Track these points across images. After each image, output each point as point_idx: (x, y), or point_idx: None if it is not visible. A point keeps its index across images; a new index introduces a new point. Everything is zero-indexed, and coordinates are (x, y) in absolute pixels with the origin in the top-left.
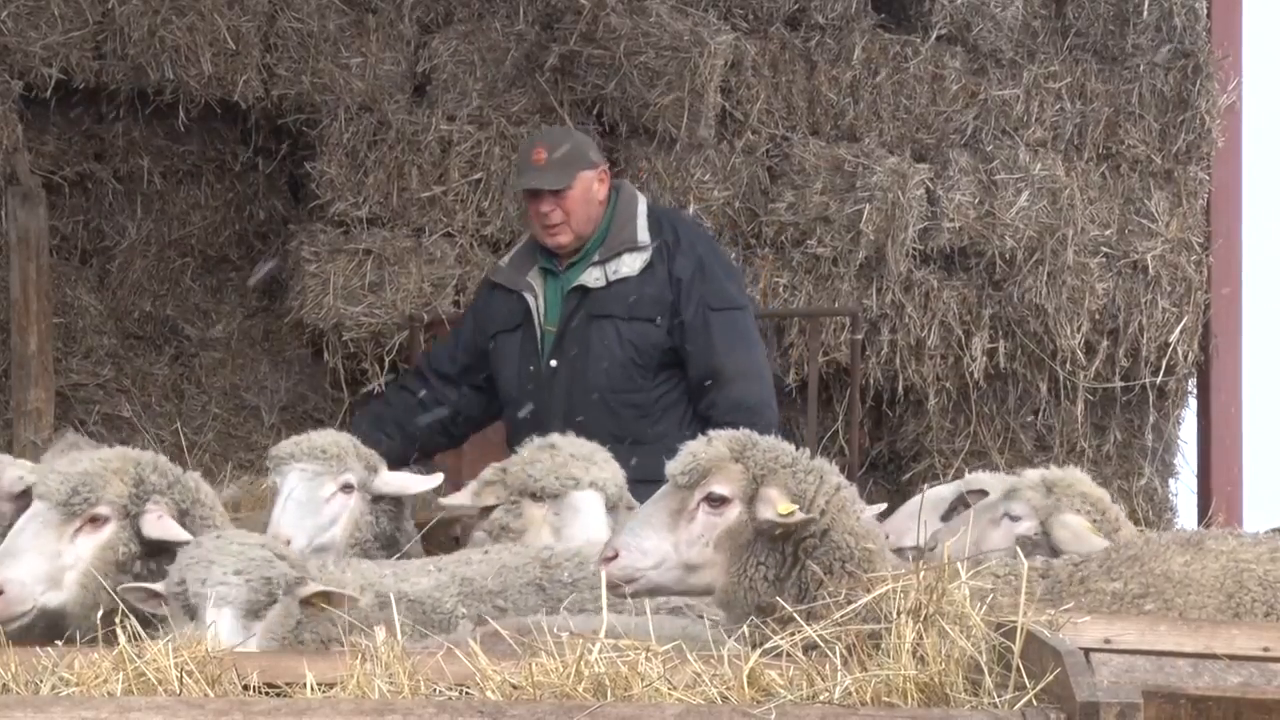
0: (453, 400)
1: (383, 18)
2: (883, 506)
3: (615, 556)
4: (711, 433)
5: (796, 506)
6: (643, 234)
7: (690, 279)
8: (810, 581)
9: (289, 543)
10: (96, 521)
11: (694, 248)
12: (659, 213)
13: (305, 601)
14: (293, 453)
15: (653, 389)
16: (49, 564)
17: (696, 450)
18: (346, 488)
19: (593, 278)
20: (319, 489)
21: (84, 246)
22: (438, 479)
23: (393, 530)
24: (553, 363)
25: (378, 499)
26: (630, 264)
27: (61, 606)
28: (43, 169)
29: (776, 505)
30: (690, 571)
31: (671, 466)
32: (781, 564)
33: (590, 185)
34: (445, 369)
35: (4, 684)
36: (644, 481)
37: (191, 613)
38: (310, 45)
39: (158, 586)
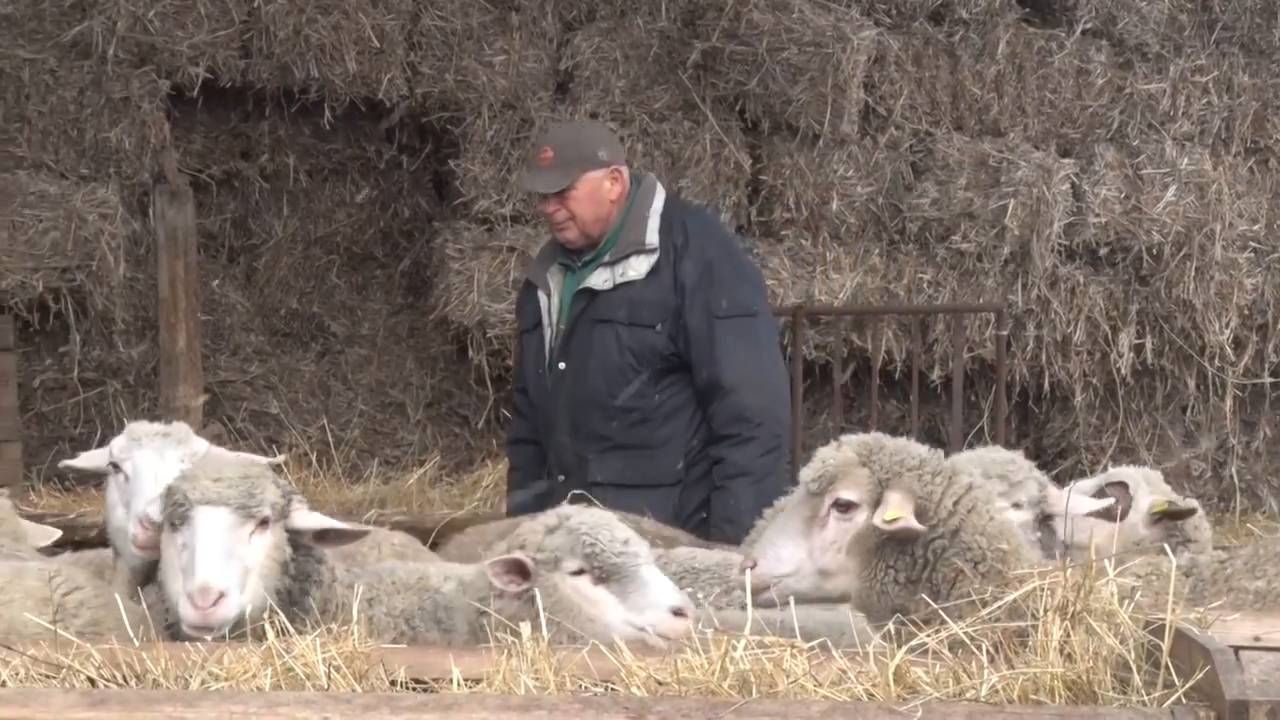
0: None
1: (526, 15)
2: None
3: (755, 565)
4: (843, 438)
5: (903, 513)
6: (651, 236)
7: (695, 283)
8: (942, 584)
9: None
10: (265, 524)
11: (703, 250)
12: (674, 212)
13: None
14: None
15: (654, 394)
16: (241, 568)
17: (825, 456)
18: None
19: (600, 279)
20: None
21: (231, 244)
22: None
23: None
24: (560, 365)
25: None
26: (637, 267)
27: (244, 611)
28: (190, 167)
29: (885, 511)
30: (825, 578)
31: (804, 473)
32: (912, 566)
33: (598, 185)
34: (521, 384)
35: (154, 679)
36: (648, 486)
37: (607, 574)
38: (454, 43)
39: (524, 557)
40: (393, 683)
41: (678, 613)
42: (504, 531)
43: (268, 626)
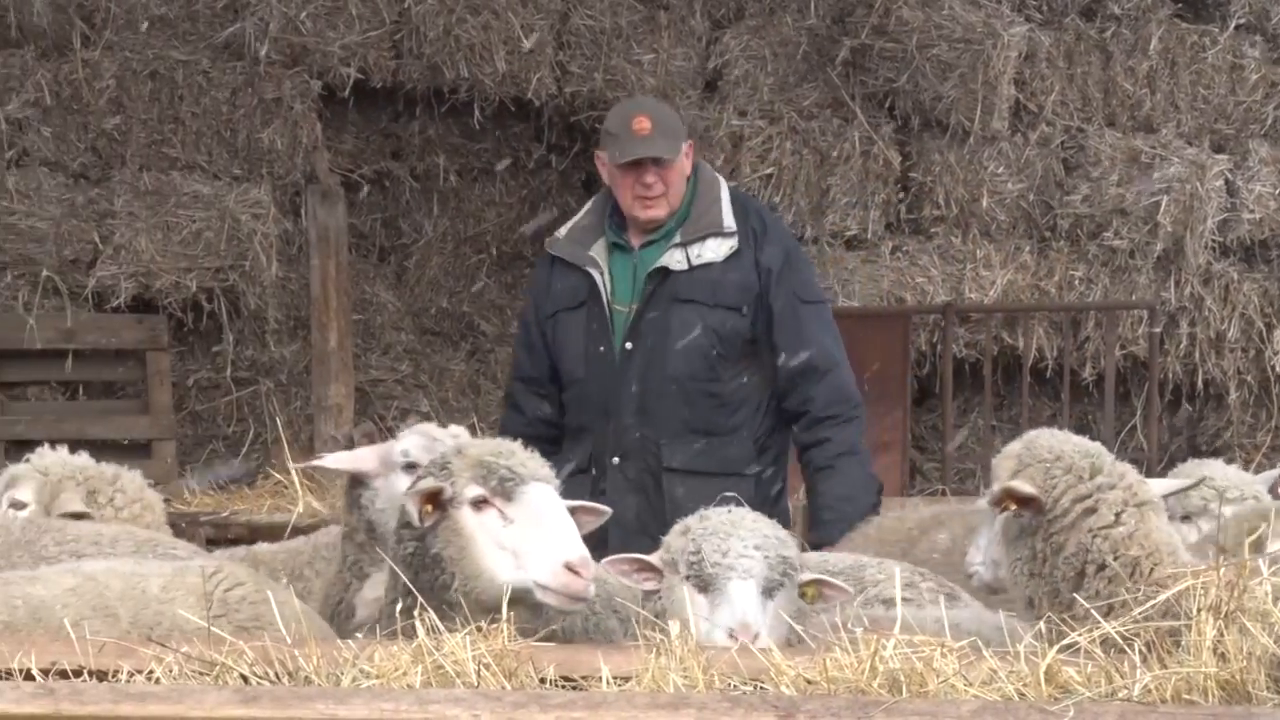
0: (549, 403)
1: (674, 14)
2: None
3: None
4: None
5: (1003, 494)
6: (728, 219)
7: (780, 269)
8: (1061, 582)
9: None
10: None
11: (782, 239)
12: (742, 199)
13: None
14: None
15: (730, 380)
16: None
17: (1006, 449)
18: None
19: (675, 260)
20: None
21: (381, 244)
22: None
23: None
24: (627, 345)
25: None
26: (715, 249)
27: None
28: (341, 167)
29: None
30: (995, 568)
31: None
32: (1032, 559)
33: (686, 155)
34: (529, 373)
35: (306, 676)
36: (718, 474)
37: (705, 584)
38: (602, 42)
39: (652, 558)
40: (542, 680)
41: (732, 635)
42: None
43: (418, 624)
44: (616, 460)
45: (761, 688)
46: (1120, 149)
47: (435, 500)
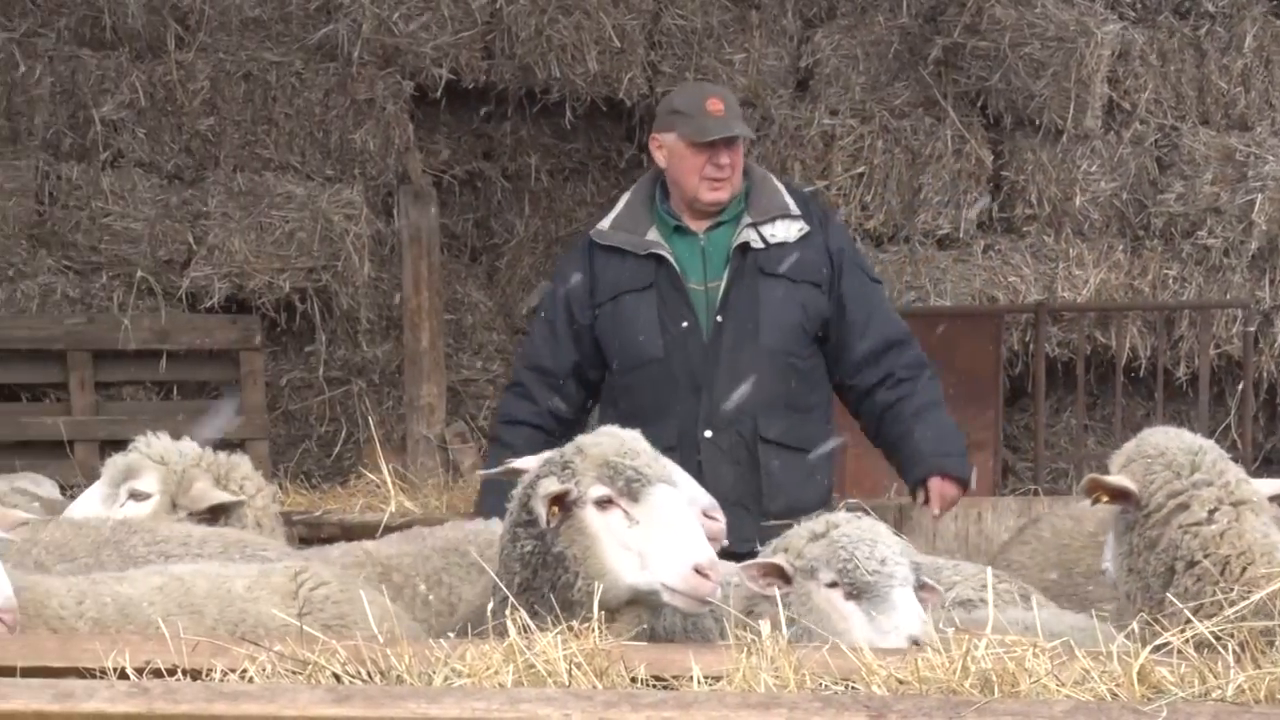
0: (562, 397)
1: (766, 13)
2: None
3: None
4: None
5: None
6: (791, 204)
7: (849, 252)
8: (1152, 578)
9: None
10: None
11: (840, 225)
12: (792, 187)
13: None
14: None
15: (809, 356)
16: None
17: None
18: None
19: (752, 238)
20: None
21: (473, 244)
22: None
23: None
24: (718, 319)
25: None
26: (786, 230)
27: None
28: (433, 168)
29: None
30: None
31: None
32: (1129, 554)
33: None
34: (546, 364)
35: (398, 675)
36: (798, 449)
37: (859, 591)
38: (694, 42)
39: (781, 560)
40: (633, 680)
41: (915, 642)
42: None
43: (510, 624)
44: (709, 434)
45: (853, 687)
46: (1214, 147)
47: (560, 500)
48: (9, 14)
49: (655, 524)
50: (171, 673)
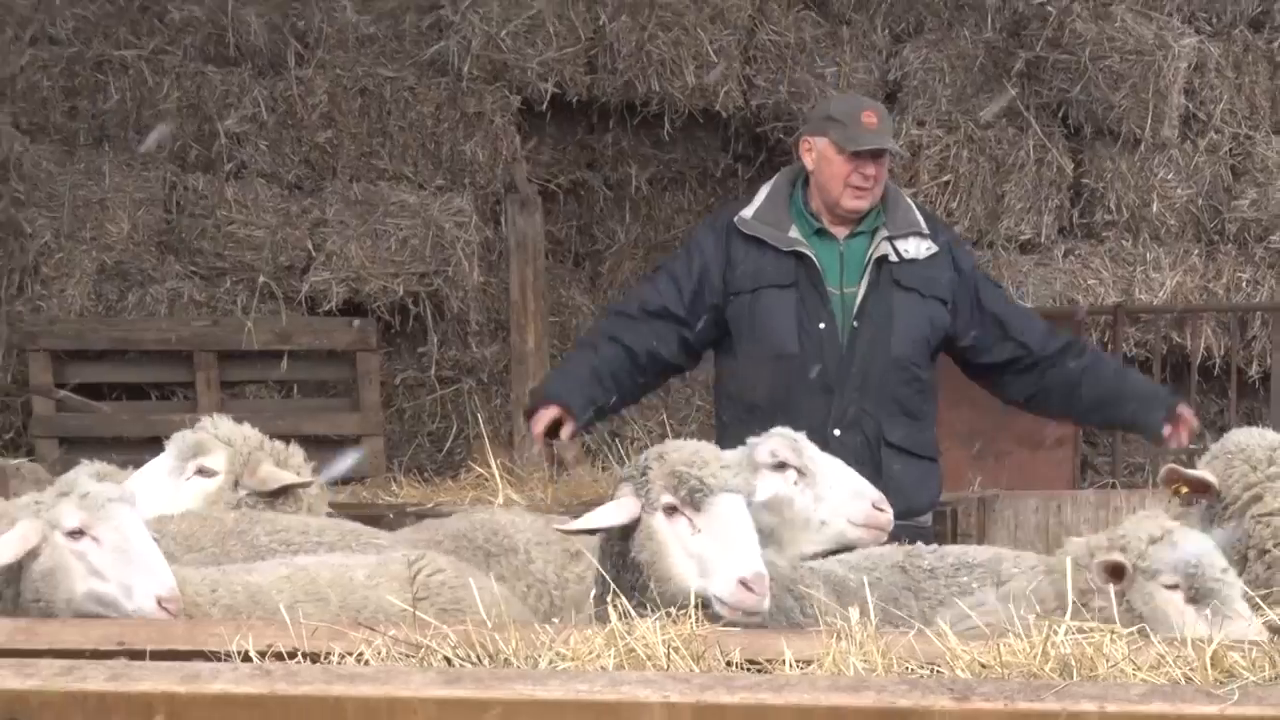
0: (663, 340)
1: (856, 28)
2: None
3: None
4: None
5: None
6: (923, 223)
7: (978, 273)
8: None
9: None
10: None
11: (967, 246)
12: (922, 208)
13: None
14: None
15: (927, 368)
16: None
17: None
18: None
19: (889, 252)
20: None
21: (577, 250)
22: None
23: None
24: (855, 324)
25: None
26: (917, 247)
27: None
28: (539, 177)
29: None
30: None
31: None
32: None
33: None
34: (679, 300)
35: (505, 658)
36: (916, 455)
37: (1201, 596)
38: (787, 56)
39: (1122, 559)
40: (728, 663)
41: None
42: None
43: (611, 610)
44: (838, 432)
45: (938, 671)
46: None
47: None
48: (138, 33)
49: (712, 534)
50: (292, 656)
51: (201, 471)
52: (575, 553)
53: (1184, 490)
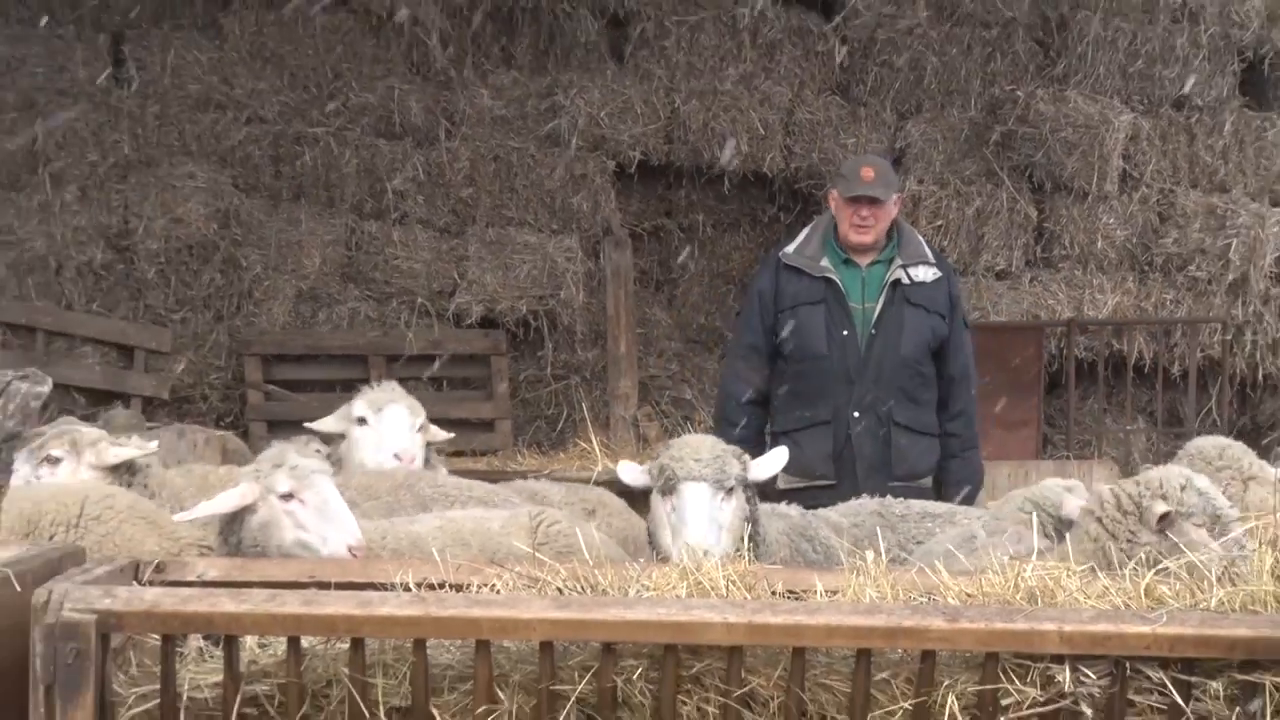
0: (765, 369)
1: (870, 109)
2: None
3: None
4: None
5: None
6: (930, 254)
7: (959, 301)
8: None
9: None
10: (730, 492)
11: (956, 280)
12: (929, 245)
13: None
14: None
15: (928, 365)
16: (716, 528)
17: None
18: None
19: (902, 276)
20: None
21: (657, 278)
22: None
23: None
24: (872, 332)
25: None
26: (924, 274)
27: (717, 558)
28: (628, 223)
29: None
30: None
31: None
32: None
33: (895, 204)
34: (764, 344)
35: (603, 589)
36: (915, 431)
37: (1220, 532)
38: (818, 131)
39: (1165, 507)
40: (773, 593)
41: None
42: None
43: (685, 554)
44: (856, 414)
45: (934, 599)
46: (1201, 205)
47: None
48: (326, 114)
49: (678, 512)
50: (441, 587)
51: (48, 460)
52: None
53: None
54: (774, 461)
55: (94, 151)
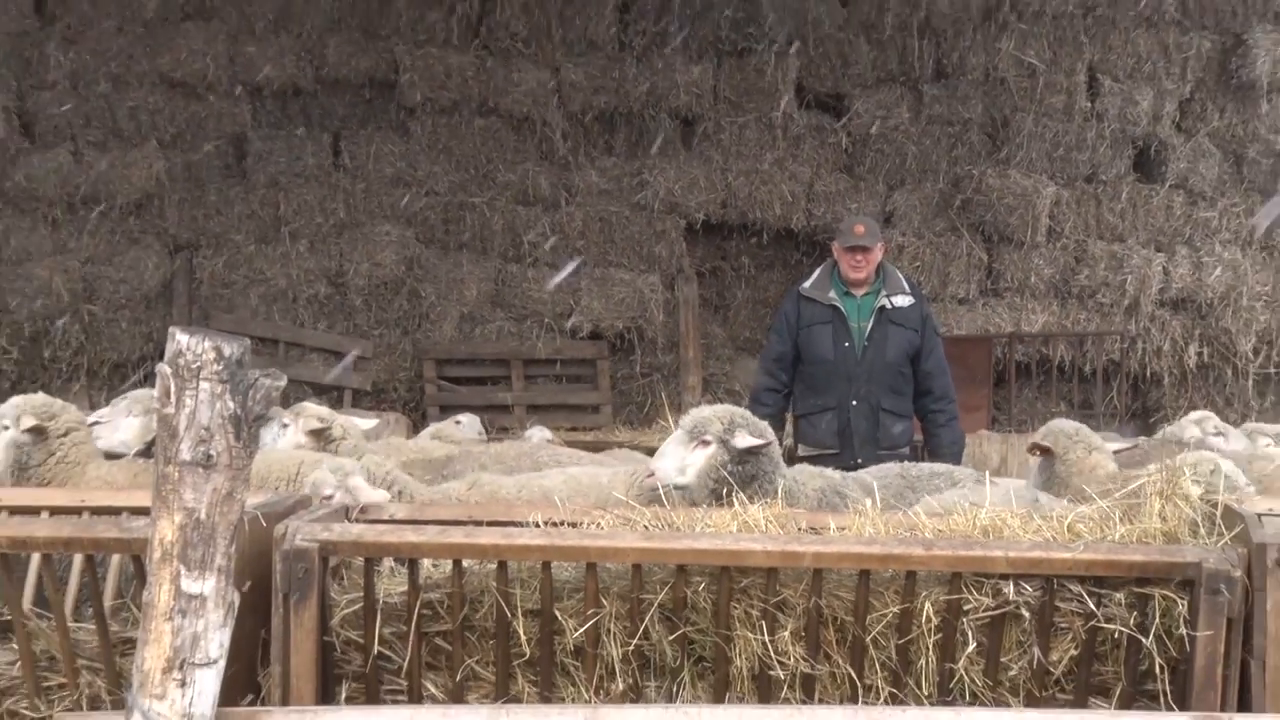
0: (785, 371)
1: (868, 183)
2: (1140, 439)
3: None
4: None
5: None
6: (907, 286)
7: (930, 319)
8: (1060, 485)
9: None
10: (706, 443)
11: (926, 304)
12: (907, 278)
13: None
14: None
15: (907, 368)
16: (678, 464)
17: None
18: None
19: (886, 304)
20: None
21: (714, 303)
22: None
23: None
24: (865, 344)
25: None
26: (902, 301)
27: (686, 486)
28: (694, 265)
29: None
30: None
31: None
32: (1050, 477)
33: (879, 250)
34: (788, 353)
35: (677, 526)
36: (897, 415)
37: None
38: (830, 198)
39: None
40: (799, 529)
41: None
42: None
43: (736, 501)
44: (855, 403)
45: (915, 533)
46: (1105, 251)
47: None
48: (481, 188)
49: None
50: (561, 524)
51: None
52: None
53: (1038, 452)
54: (753, 439)
55: (319, 216)
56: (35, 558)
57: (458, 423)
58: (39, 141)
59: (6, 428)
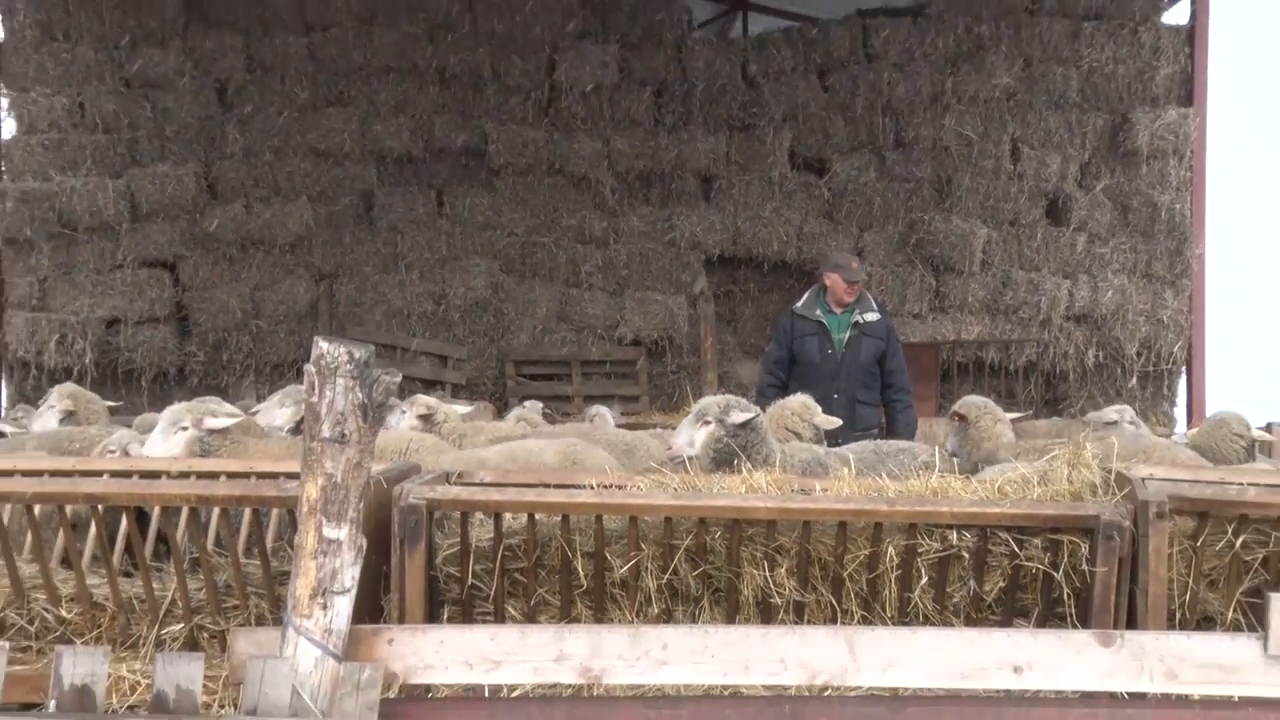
0: (784, 372)
1: (845, 227)
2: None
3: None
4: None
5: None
6: (875, 305)
7: (893, 329)
8: (974, 449)
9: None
10: (708, 423)
11: (889, 319)
12: (875, 299)
13: None
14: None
15: (875, 368)
16: (687, 438)
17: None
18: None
19: (860, 319)
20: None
21: (727, 318)
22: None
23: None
24: (844, 351)
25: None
26: (871, 317)
27: (695, 456)
28: (712, 288)
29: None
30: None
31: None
32: (964, 441)
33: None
34: (784, 357)
35: (699, 488)
36: (868, 405)
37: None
38: (816, 238)
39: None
40: (794, 490)
41: None
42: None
43: (745, 469)
44: (836, 396)
45: (882, 495)
46: (1024, 279)
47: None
48: (548, 231)
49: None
50: (609, 487)
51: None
52: None
53: (956, 418)
54: (744, 414)
55: (427, 252)
56: (216, 511)
57: (524, 406)
58: (220, 198)
59: (185, 428)
